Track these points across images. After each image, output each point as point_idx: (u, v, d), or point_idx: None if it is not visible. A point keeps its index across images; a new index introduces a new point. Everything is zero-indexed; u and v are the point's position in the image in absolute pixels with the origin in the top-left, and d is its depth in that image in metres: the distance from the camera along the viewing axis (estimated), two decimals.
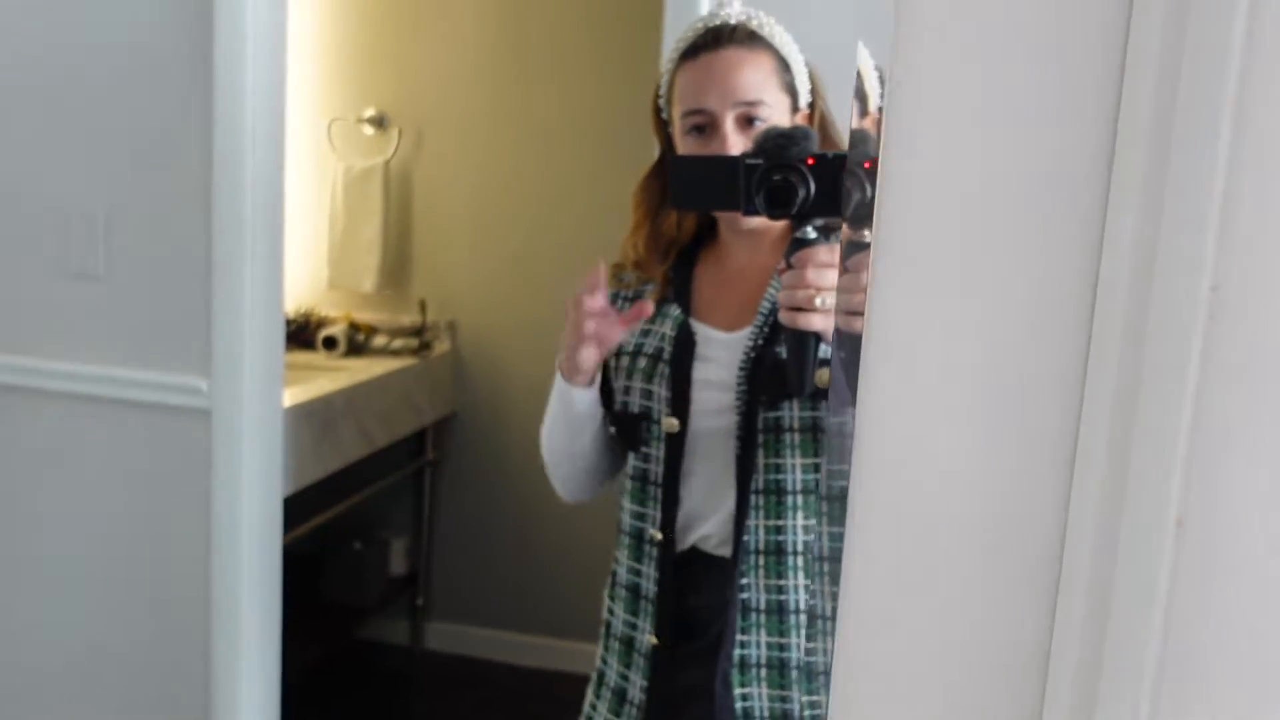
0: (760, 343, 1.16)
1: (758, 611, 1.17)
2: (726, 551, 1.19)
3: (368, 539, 2.73)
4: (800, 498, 1.17)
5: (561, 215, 2.67)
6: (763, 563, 1.17)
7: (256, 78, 1.65)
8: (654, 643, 1.24)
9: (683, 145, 1.21)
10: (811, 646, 1.19)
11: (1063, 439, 0.42)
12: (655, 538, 1.22)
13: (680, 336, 1.20)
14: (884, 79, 1.26)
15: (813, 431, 1.16)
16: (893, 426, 0.45)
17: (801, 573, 1.17)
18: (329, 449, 2.16)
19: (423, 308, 2.75)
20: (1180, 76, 0.37)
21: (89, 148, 1.71)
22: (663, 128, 1.25)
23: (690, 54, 1.19)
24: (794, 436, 1.16)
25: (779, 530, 1.16)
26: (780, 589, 1.17)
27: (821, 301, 0.97)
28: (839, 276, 0.98)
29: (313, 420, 2.11)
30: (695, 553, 1.22)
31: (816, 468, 1.16)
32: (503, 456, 2.82)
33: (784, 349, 1.13)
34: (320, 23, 2.75)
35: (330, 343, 2.61)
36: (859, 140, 0.96)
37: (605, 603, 1.34)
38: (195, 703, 1.79)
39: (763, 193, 0.98)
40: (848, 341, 0.98)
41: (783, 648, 1.18)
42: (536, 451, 1.30)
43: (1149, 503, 0.38)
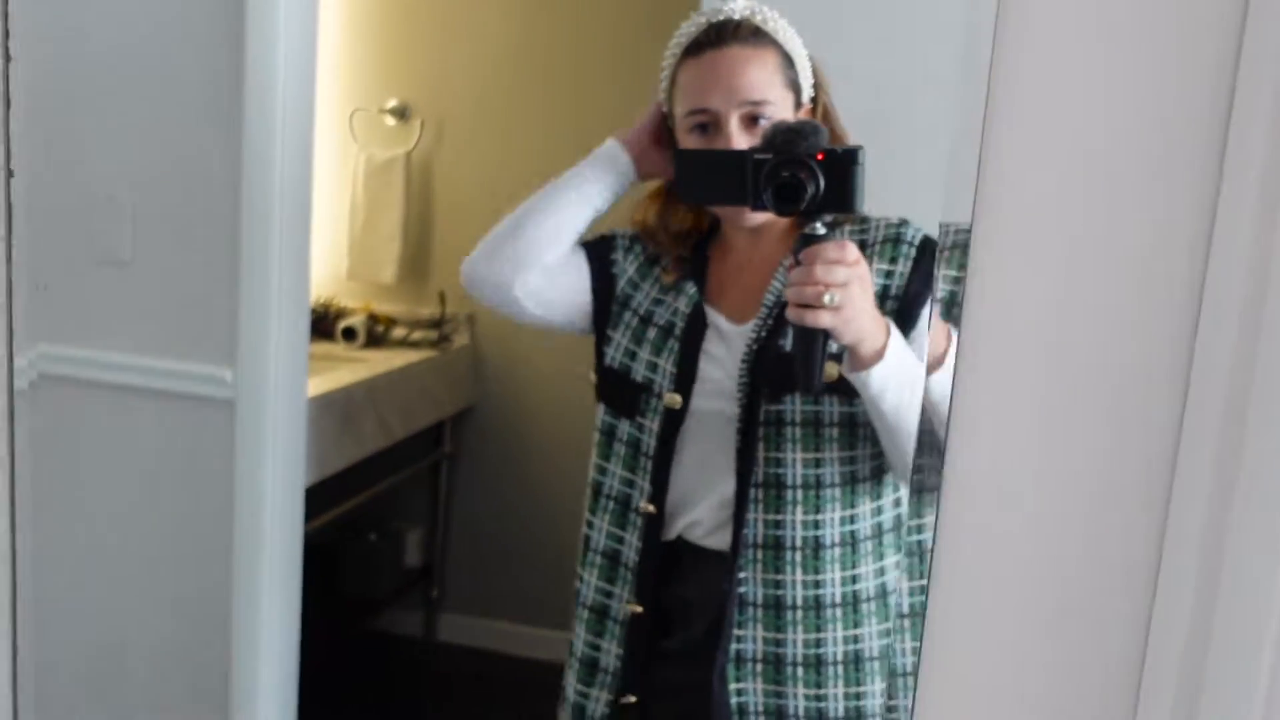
0: (764, 335, 1.16)
1: (754, 606, 1.16)
2: (715, 543, 1.19)
3: (382, 531, 2.72)
4: (800, 492, 1.15)
5: None
6: (761, 557, 1.16)
7: (288, 65, 1.64)
8: (636, 611, 1.23)
9: (685, 143, 1.20)
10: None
11: (1157, 488, 0.41)
12: (647, 510, 1.21)
13: (694, 315, 1.20)
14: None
15: (814, 425, 1.15)
16: (981, 485, 0.44)
17: (800, 568, 1.16)
18: (349, 441, 2.16)
19: (442, 300, 2.74)
20: None
21: (117, 132, 1.70)
22: (665, 123, 1.24)
23: (693, 50, 1.18)
24: (795, 430, 1.15)
25: (778, 525, 1.16)
26: (778, 584, 1.16)
27: (830, 298, 0.97)
28: (791, 270, 0.98)
29: (334, 411, 2.10)
30: (683, 543, 1.21)
31: (818, 462, 1.15)
32: (519, 451, 2.81)
33: (789, 343, 1.14)
34: (344, 11, 2.74)
35: (349, 333, 2.60)
36: (811, 131, 0.96)
37: (577, 571, 1.33)
38: (215, 691, 1.78)
39: (771, 188, 0.97)
40: (798, 333, 0.99)
41: (779, 643, 1.17)
42: (554, 447, 1.30)
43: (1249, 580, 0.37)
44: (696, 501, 1.20)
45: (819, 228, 0.99)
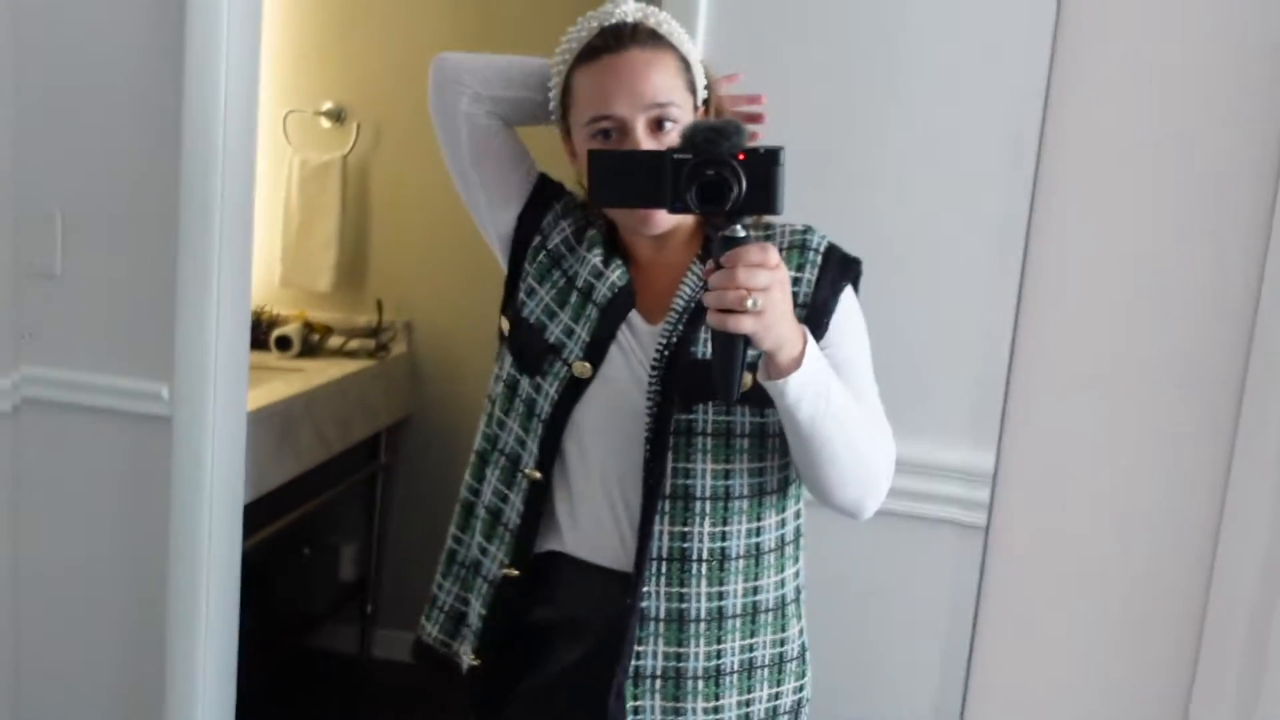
0: (674, 342, 1.12)
1: (656, 621, 1.13)
2: (610, 558, 1.15)
3: (317, 545, 2.65)
4: (709, 504, 1.12)
5: None
6: (665, 570, 1.13)
7: (230, 69, 1.58)
8: (510, 575, 1.20)
9: (584, 154, 1.13)
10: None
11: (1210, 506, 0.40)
12: (534, 476, 1.17)
13: (623, 291, 1.16)
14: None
15: (725, 436, 1.12)
16: (1037, 488, 0.43)
17: (705, 580, 1.13)
18: (288, 455, 2.09)
19: (379, 308, 2.68)
20: None
21: (47, 141, 1.62)
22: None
23: (589, 56, 1.13)
24: (705, 441, 1.12)
25: (684, 537, 1.12)
26: (681, 597, 1.13)
27: (753, 303, 0.93)
28: (710, 273, 0.95)
29: (272, 425, 2.04)
30: (572, 558, 1.18)
31: (727, 473, 1.13)
32: (456, 461, 2.73)
33: (700, 350, 1.11)
34: (277, 11, 2.66)
35: (284, 343, 2.52)
36: (734, 131, 0.94)
37: (450, 530, 1.30)
38: (151, 710, 1.72)
39: (694, 189, 0.94)
40: (718, 339, 0.96)
41: (680, 657, 1.14)
42: None
43: None
44: (586, 495, 1.16)
45: (739, 230, 0.95)
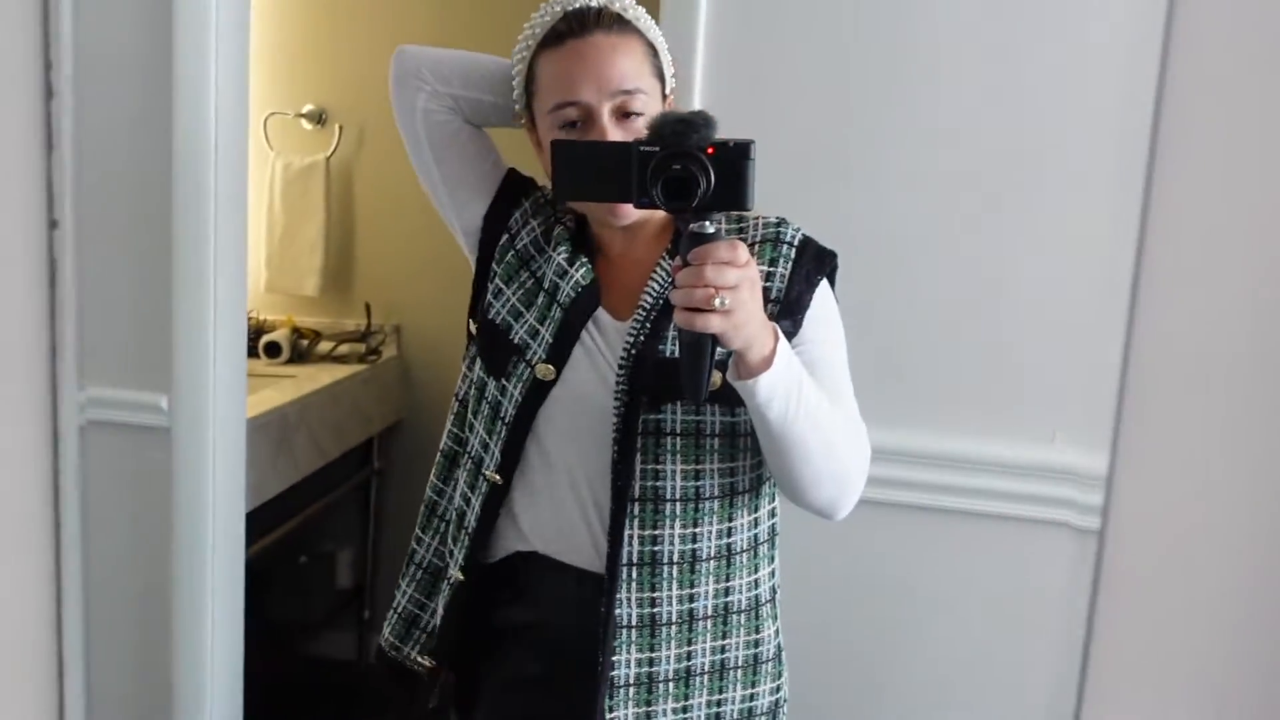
0: (643, 340, 1.09)
1: (628, 628, 1.10)
2: (578, 560, 1.13)
3: (313, 553, 2.62)
4: (679, 505, 1.09)
5: None
6: (636, 575, 1.10)
7: (220, 73, 1.55)
8: (460, 579, 1.19)
9: (548, 144, 1.11)
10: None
11: None
12: (494, 479, 1.15)
13: (588, 289, 1.12)
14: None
15: (695, 436, 1.10)
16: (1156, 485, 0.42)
17: (676, 583, 1.10)
18: (285, 463, 2.06)
19: (368, 311, 2.65)
20: None
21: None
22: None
23: (552, 41, 1.10)
24: (674, 441, 1.09)
25: (654, 540, 1.09)
26: (653, 601, 1.10)
27: (721, 302, 0.89)
28: (677, 270, 0.92)
29: (268, 434, 2.00)
30: (543, 558, 1.15)
31: (697, 474, 1.10)
32: None
33: (668, 348, 1.08)
34: (257, 12, 2.62)
35: (273, 349, 2.49)
36: (703, 123, 0.91)
37: (415, 532, 1.29)
38: None
39: (660, 183, 0.90)
40: (685, 339, 0.94)
41: (652, 662, 1.11)
42: None
43: None
44: (552, 498, 1.13)
45: (708, 226, 0.91)
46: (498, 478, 1.15)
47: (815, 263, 1.11)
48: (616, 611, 1.10)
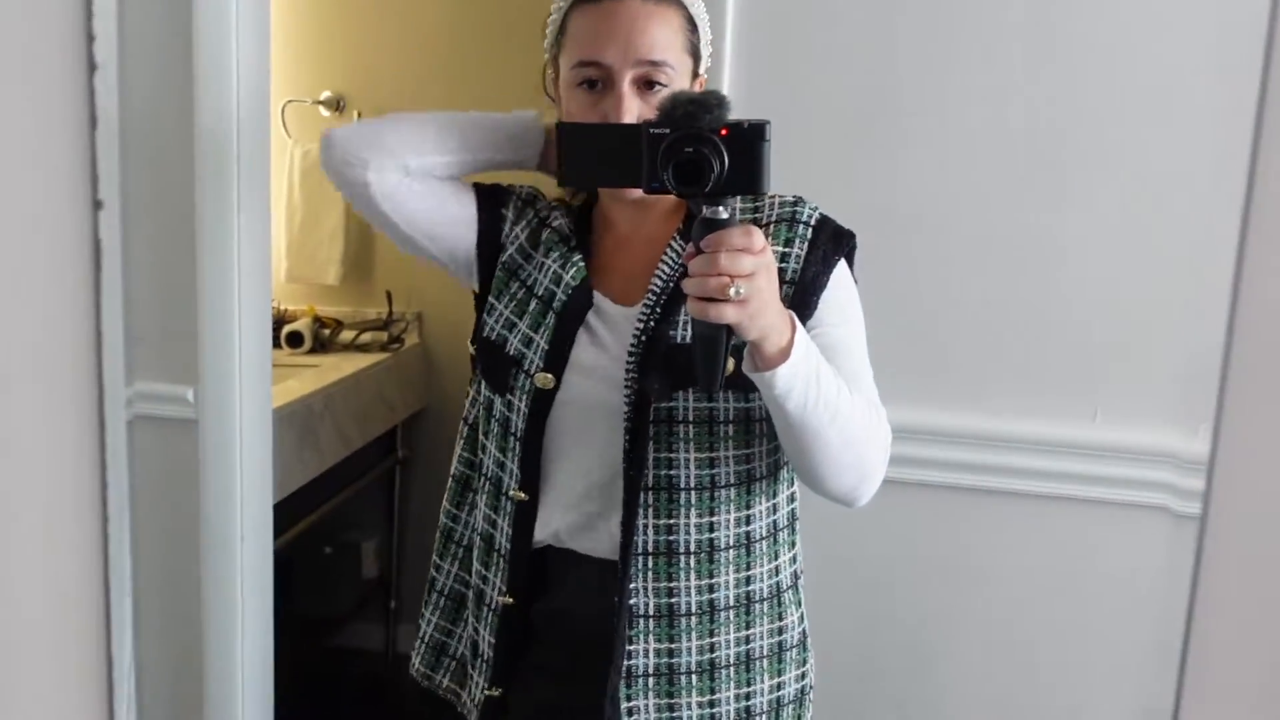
0: (653, 325, 1.05)
1: (645, 618, 1.08)
2: (596, 549, 1.10)
3: (338, 543, 2.61)
4: (694, 494, 1.07)
5: None
6: (652, 565, 1.07)
7: (242, 59, 1.53)
8: (508, 603, 1.15)
9: (568, 99, 1.09)
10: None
11: None
12: (519, 497, 1.11)
13: (579, 290, 1.09)
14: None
15: (708, 424, 1.06)
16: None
17: (694, 573, 1.08)
18: (310, 453, 2.05)
19: (389, 299, 2.64)
20: None
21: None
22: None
23: None
24: (688, 429, 1.06)
25: (670, 530, 1.07)
26: (670, 591, 1.08)
27: (736, 291, 0.85)
28: (690, 258, 0.88)
29: (293, 424, 1.99)
30: (560, 550, 1.13)
31: (712, 462, 1.07)
32: None
33: (679, 333, 1.05)
34: (274, 0, 2.60)
35: (295, 339, 2.48)
36: (716, 104, 0.87)
37: (433, 559, 1.27)
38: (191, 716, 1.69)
39: (671, 167, 0.86)
40: (699, 329, 0.90)
41: (671, 654, 1.09)
42: None
43: None
44: (576, 501, 1.10)
45: (722, 211, 0.86)
46: (523, 495, 1.12)
47: (832, 243, 1.07)
48: (631, 601, 1.07)
